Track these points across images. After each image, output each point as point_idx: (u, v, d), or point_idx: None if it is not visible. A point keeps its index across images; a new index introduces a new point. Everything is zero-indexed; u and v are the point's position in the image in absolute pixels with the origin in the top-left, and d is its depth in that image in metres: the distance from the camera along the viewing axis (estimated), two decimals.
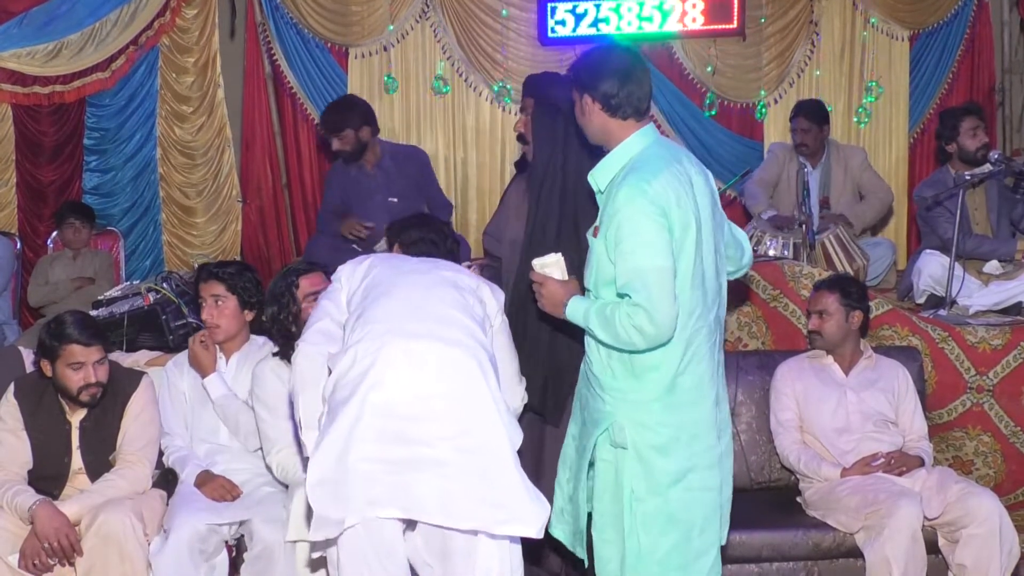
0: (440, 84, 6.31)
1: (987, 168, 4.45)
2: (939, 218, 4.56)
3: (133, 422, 3.19)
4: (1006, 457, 3.94)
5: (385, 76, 6.26)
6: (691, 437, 2.50)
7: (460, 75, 6.34)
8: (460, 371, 2.38)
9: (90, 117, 5.91)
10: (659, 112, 6.30)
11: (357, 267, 2.68)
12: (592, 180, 2.60)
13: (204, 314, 3.37)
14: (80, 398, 3.10)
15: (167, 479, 3.27)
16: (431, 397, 2.34)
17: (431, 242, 2.92)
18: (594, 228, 2.54)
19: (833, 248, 4.72)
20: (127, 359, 3.65)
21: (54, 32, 5.58)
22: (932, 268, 4.47)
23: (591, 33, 6.14)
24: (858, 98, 6.55)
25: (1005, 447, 3.94)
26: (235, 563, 3.13)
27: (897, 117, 6.58)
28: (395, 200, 4.53)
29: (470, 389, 2.37)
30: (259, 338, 3.43)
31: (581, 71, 2.57)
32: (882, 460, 3.40)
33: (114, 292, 4.33)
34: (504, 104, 6.31)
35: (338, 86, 6.18)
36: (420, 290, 2.56)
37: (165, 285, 4.20)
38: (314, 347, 2.51)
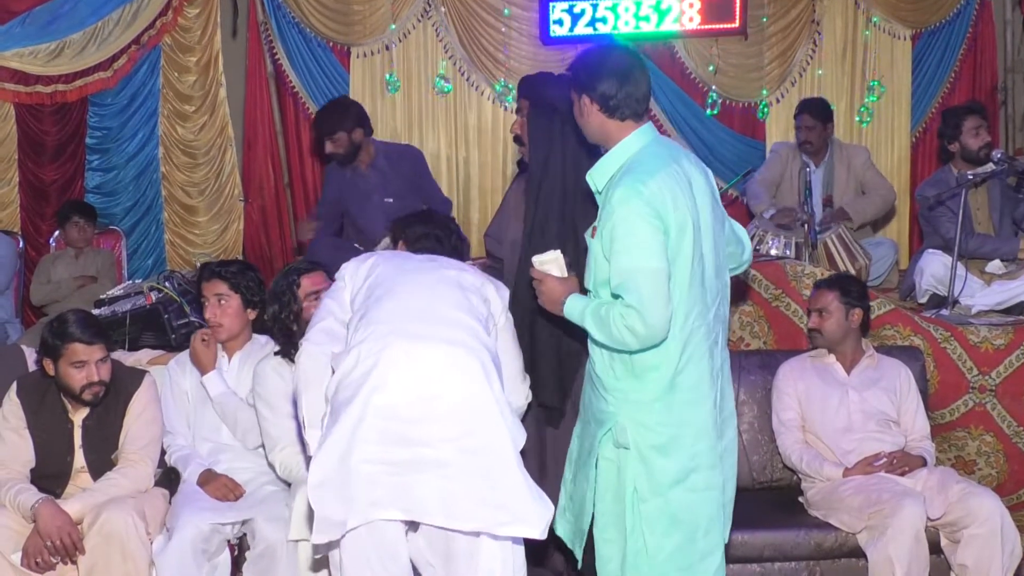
0: (442, 83, 6.31)
1: (990, 167, 4.44)
2: (941, 217, 4.55)
3: (135, 421, 3.19)
4: (1008, 457, 3.94)
5: (387, 75, 6.26)
6: (693, 437, 2.50)
7: (462, 74, 6.34)
8: (463, 372, 2.37)
9: (92, 116, 5.92)
10: (661, 112, 6.31)
11: (361, 265, 2.67)
12: (590, 180, 2.60)
13: (207, 313, 3.37)
14: (83, 397, 3.10)
15: (169, 478, 3.26)
16: (433, 399, 2.33)
17: (435, 238, 2.90)
18: (592, 229, 2.54)
19: (835, 247, 4.71)
20: (129, 358, 3.65)
21: (56, 31, 5.60)
22: (934, 268, 4.46)
23: (591, 33, 6.13)
24: (860, 97, 6.55)
25: (1008, 447, 3.94)
26: (237, 562, 3.13)
27: (899, 116, 6.58)
28: (391, 201, 4.48)
29: (473, 390, 2.35)
30: (261, 337, 3.43)
31: (580, 71, 2.56)
32: (884, 460, 3.39)
33: (116, 291, 4.33)
34: (506, 103, 6.31)
35: (340, 85, 6.19)
36: (423, 290, 2.55)
37: (167, 284, 4.19)
38: (317, 347, 2.51)
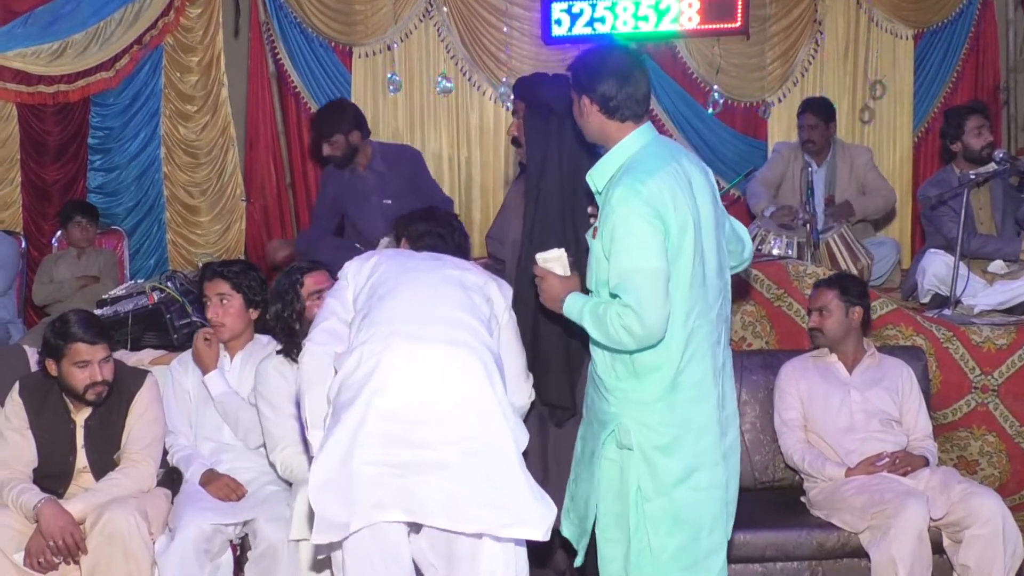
0: (444, 83, 6.31)
1: (992, 167, 4.43)
2: (943, 217, 4.54)
3: (137, 421, 3.20)
4: (1011, 457, 3.94)
5: (389, 75, 6.26)
6: (695, 435, 2.49)
7: (464, 74, 6.34)
8: (465, 374, 2.36)
9: (94, 116, 5.92)
10: (663, 111, 6.30)
11: (363, 264, 2.66)
12: (590, 180, 2.59)
13: (209, 313, 3.37)
14: (86, 397, 3.10)
15: (171, 478, 3.26)
16: (435, 400, 2.33)
17: (438, 235, 2.89)
18: (593, 229, 2.54)
19: (837, 247, 4.71)
20: (131, 358, 3.65)
21: (58, 31, 5.60)
22: (936, 267, 4.46)
23: (590, 33, 6.11)
24: (862, 97, 6.54)
25: (1010, 447, 3.93)
26: (239, 562, 3.13)
27: (901, 116, 6.57)
28: (389, 202, 4.46)
29: (475, 392, 2.35)
30: (263, 337, 3.43)
31: (579, 72, 2.55)
32: (887, 460, 3.39)
33: (118, 291, 4.33)
34: (508, 103, 6.30)
35: (342, 85, 6.19)
36: (425, 289, 2.54)
37: (169, 284, 4.19)
38: (320, 347, 2.50)
